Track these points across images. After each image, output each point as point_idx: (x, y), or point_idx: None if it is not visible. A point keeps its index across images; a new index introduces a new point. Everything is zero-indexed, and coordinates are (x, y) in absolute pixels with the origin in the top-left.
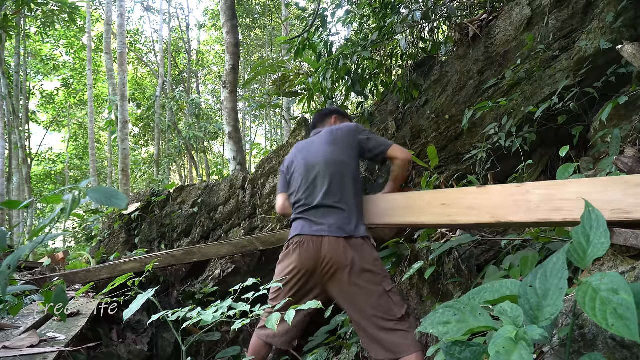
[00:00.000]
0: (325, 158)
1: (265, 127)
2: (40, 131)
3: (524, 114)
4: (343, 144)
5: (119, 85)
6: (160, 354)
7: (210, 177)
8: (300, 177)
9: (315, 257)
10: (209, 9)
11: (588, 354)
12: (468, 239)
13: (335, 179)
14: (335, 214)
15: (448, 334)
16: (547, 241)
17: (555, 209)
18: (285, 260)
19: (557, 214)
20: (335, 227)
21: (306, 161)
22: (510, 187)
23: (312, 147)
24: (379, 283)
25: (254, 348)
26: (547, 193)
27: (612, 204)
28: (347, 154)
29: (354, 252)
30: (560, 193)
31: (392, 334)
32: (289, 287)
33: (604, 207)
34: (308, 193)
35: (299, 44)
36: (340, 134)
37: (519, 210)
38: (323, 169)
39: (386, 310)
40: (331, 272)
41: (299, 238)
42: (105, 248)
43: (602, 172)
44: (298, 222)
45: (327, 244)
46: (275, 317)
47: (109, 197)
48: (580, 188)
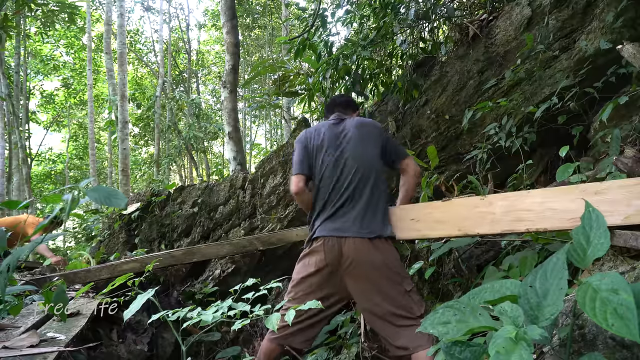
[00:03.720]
0: (356, 155)
1: (265, 127)
2: (40, 131)
3: (524, 114)
4: (372, 141)
5: (119, 85)
6: (160, 354)
7: (210, 177)
8: (330, 173)
9: (339, 257)
10: (209, 9)
11: (588, 354)
12: (468, 240)
13: (363, 180)
14: (361, 215)
15: (448, 334)
16: (547, 242)
17: (517, 219)
18: (307, 258)
19: (520, 224)
20: (361, 227)
21: (338, 156)
22: (475, 199)
23: (342, 139)
24: (400, 283)
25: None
26: (509, 204)
27: (569, 213)
28: (375, 153)
29: (378, 252)
30: (521, 204)
31: (407, 331)
32: (310, 283)
33: (562, 217)
34: (336, 191)
35: (299, 44)
36: (369, 130)
37: (484, 222)
38: (354, 166)
39: (407, 309)
40: (354, 272)
41: (324, 239)
42: (105, 248)
43: (602, 173)
44: (323, 222)
45: (351, 244)
46: (275, 317)
47: (108, 196)
48: (537, 198)
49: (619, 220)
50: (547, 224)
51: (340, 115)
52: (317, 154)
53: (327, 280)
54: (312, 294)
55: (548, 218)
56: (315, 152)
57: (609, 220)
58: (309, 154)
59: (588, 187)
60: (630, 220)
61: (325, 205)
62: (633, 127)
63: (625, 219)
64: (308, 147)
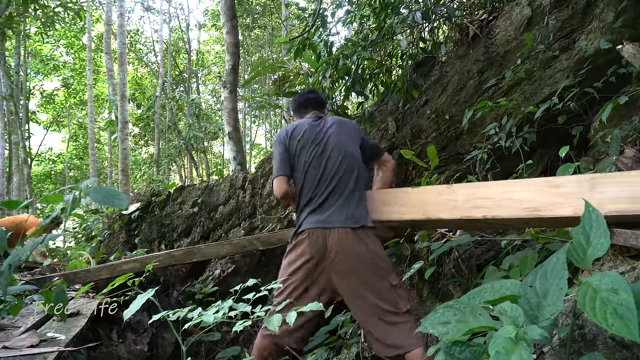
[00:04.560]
0: (340, 147)
1: (265, 127)
2: (40, 131)
3: (524, 114)
4: (352, 138)
5: (119, 85)
6: (160, 354)
7: (210, 177)
8: (314, 167)
9: (323, 249)
10: (209, 9)
11: (588, 354)
12: (468, 239)
13: (348, 172)
14: (345, 205)
15: (448, 334)
16: (547, 241)
17: (476, 206)
18: (292, 252)
19: (477, 211)
20: (346, 217)
21: (321, 150)
22: (441, 187)
23: (324, 134)
24: (386, 277)
25: (259, 347)
26: (470, 192)
27: (525, 202)
28: (356, 148)
29: (362, 244)
30: (481, 193)
31: (397, 328)
32: (296, 278)
33: (518, 206)
34: (319, 184)
35: (299, 44)
36: (349, 128)
37: (445, 208)
38: (338, 157)
39: (393, 304)
40: (339, 265)
41: (309, 231)
42: (105, 248)
43: (602, 172)
44: (308, 215)
45: (335, 235)
46: (276, 318)
47: (110, 197)
48: (498, 188)
49: (569, 212)
50: (504, 212)
51: (317, 113)
52: (301, 150)
53: (312, 274)
54: (297, 290)
55: (505, 207)
56: (299, 149)
57: (559, 211)
58: (290, 153)
59: (547, 180)
60: (580, 213)
61: (311, 199)
62: (633, 127)
63: (575, 211)
64: (289, 146)
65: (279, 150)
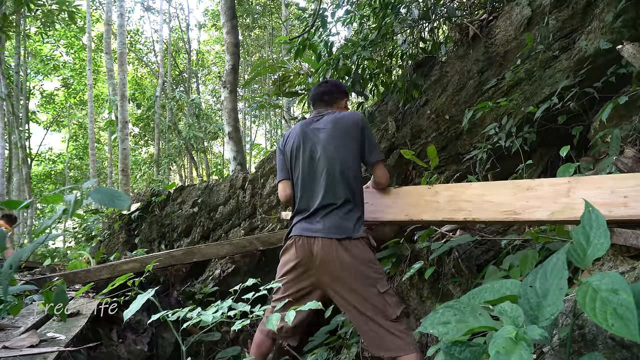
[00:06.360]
0: (329, 155)
1: (265, 127)
2: (40, 131)
3: (524, 114)
4: (348, 138)
5: (119, 85)
6: (160, 354)
7: (210, 177)
8: (305, 174)
9: (310, 256)
10: (209, 9)
11: (588, 354)
12: (468, 239)
13: (336, 178)
14: (332, 215)
15: (448, 334)
16: (547, 241)
17: (458, 209)
18: (284, 255)
19: (459, 213)
20: (330, 228)
21: (311, 155)
22: (423, 188)
23: (316, 139)
24: (373, 284)
25: (257, 343)
26: (452, 194)
27: (504, 206)
28: (350, 149)
29: (347, 253)
30: (462, 195)
31: (389, 335)
32: (289, 279)
33: (497, 209)
34: (309, 191)
35: (299, 44)
36: (345, 125)
37: (428, 210)
38: (325, 166)
39: (381, 312)
40: (324, 273)
41: (295, 237)
42: (105, 248)
43: (602, 172)
44: (298, 221)
45: (319, 244)
46: (275, 318)
47: (112, 198)
48: (477, 190)
49: (545, 215)
50: (484, 215)
51: (320, 111)
52: (296, 155)
53: (303, 276)
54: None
55: (485, 210)
56: (294, 153)
57: (536, 214)
58: (286, 157)
59: (522, 183)
60: (555, 217)
61: (301, 206)
62: (633, 127)
63: (551, 215)
64: (285, 151)
65: (278, 156)
